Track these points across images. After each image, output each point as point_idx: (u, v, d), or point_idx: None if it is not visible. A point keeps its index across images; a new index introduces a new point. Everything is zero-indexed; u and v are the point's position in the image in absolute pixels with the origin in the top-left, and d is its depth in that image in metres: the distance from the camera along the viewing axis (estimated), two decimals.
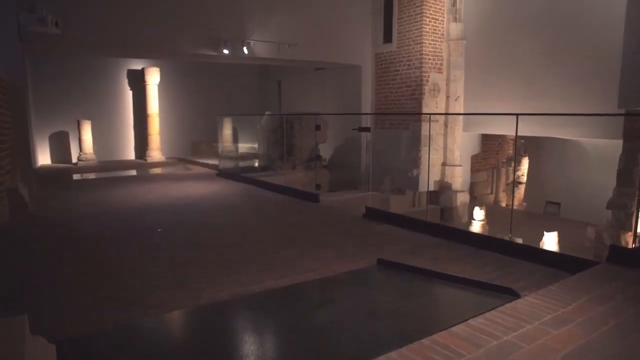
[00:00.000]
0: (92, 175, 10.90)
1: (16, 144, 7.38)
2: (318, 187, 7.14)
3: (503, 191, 12.95)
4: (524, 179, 12.90)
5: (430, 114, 6.18)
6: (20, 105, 7.65)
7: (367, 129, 6.46)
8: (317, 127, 8.06)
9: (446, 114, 10.48)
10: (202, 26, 9.34)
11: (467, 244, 4.86)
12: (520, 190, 12.80)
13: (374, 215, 6.05)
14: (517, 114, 4.36)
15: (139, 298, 3.53)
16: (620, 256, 3.80)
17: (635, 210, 6.73)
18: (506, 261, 4.35)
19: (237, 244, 5.00)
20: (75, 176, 10.70)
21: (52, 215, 6.55)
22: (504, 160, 12.90)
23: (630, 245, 7.12)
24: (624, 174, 7.43)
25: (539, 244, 8.90)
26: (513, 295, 3.23)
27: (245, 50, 9.73)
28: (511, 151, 12.81)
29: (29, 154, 7.94)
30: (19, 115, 7.59)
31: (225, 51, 9.50)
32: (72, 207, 7.09)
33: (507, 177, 12.86)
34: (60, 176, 10.61)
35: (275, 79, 15.53)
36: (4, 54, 7.31)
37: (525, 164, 12.85)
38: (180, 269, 4.17)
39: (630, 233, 7.31)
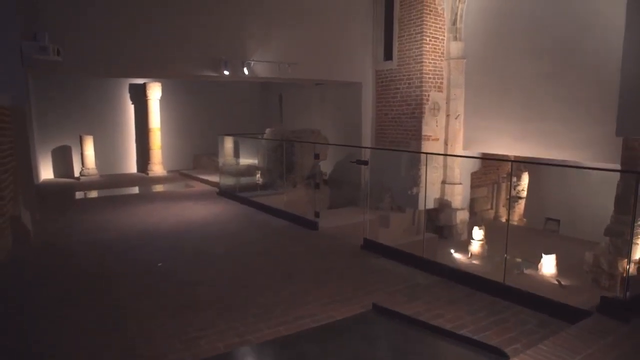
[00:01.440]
0: (94, 193, 11.00)
1: (18, 169, 7.48)
2: (317, 214, 7.19)
3: (503, 206, 12.97)
4: (524, 194, 12.93)
5: (427, 153, 6.28)
6: (22, 129, 7.74)
7: (365, 162, 6.51)
8: (316, 156, 8.12)
9: (444, 154, 10.70)
10: (202, 48, 9.42)
11: (462, 284, 4.92)
12: (520, 206, 12.83)
13: (372, 247, 6.12)
14: (512, 160, 4.42)
15: (139, 347, 3.61)
16: (611, 308, 3.85)
17: (629, 244, 6.78)
18: (500, 306, 4.40)
19: (235, 283, 5.06)
20: (78, 194, 10.80)
21: (54, 245, 6.62)
22: (505, 176, 12.92)
23: (625, 273, 7.17)
24: (622, 202, 7.46)
25: (537, 266, 8.97)
26: (502, 356, 3.29)
27: (246, 71, 9.80)
28: (510, 167, 12.83)
29: (31, 179, 8.03)
30: (21, 139, 7.69)
31: (226, 72, 9.58)
32: (74, 235, 7.17)
33: (508, 192, 12.89)
34: (62, 194, 10.71)
35: (276, 92, 15.60)
36: (7, 79, 7.40)
37: (525, 178, 12.87)
38: (179, 314, 4.24)
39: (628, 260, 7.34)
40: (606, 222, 7.98)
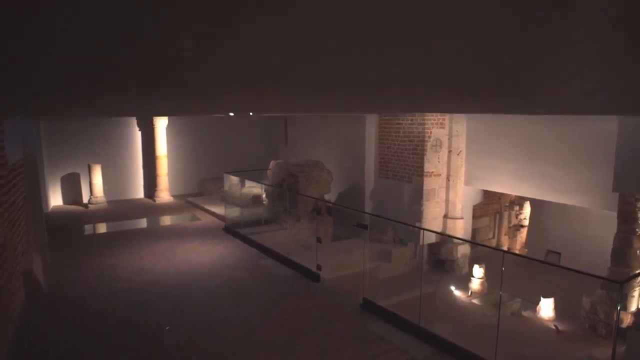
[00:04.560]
0: (102, 227, 11.26)
1: (30, 220, 7.74)
2: (319, 267, 7.38)
3: (505, 234, 13.09)
4: (526, 222, 13.04)
5: (425, 229, 6.46)
6: (34, 179, 7.98)
7: (364, 227, 6.71)
8: (319, 212, 8.31)
9: (443, 234, 10.68)
10: None
11: (455, 358, 5.11)
12: (522, 234, 12.95)
13: (371, 307, 6.31)
14: (504, 251, 4.57)
15: None
16: None
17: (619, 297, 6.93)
18: None
19: (240, 355, 5.25)
20: (87, 227, 11.08)
21: (63, 298, 6.84)
22: (507, 204, 13.04)
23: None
24: (618, 254, 7.61)
25: (535, 308, 9.12)
26: None
27: (251, 112, 9.98)
28: (514, 195, 12.96)
29: (42, 224, 8.28)
30: (32, 189, 7.94)
31: (231, 113, 9.78)
32: (83, 284, 7.40)
33: (510, 221, 13.00)
34: (72, 228, 10.96)
35: (281, 116, 15.79)
36: (19, 133, 7.64)
37: (527, 207, 12.99)
38: None
39: (624, 313, 7.50)
40: (607, 252, 8.07)
